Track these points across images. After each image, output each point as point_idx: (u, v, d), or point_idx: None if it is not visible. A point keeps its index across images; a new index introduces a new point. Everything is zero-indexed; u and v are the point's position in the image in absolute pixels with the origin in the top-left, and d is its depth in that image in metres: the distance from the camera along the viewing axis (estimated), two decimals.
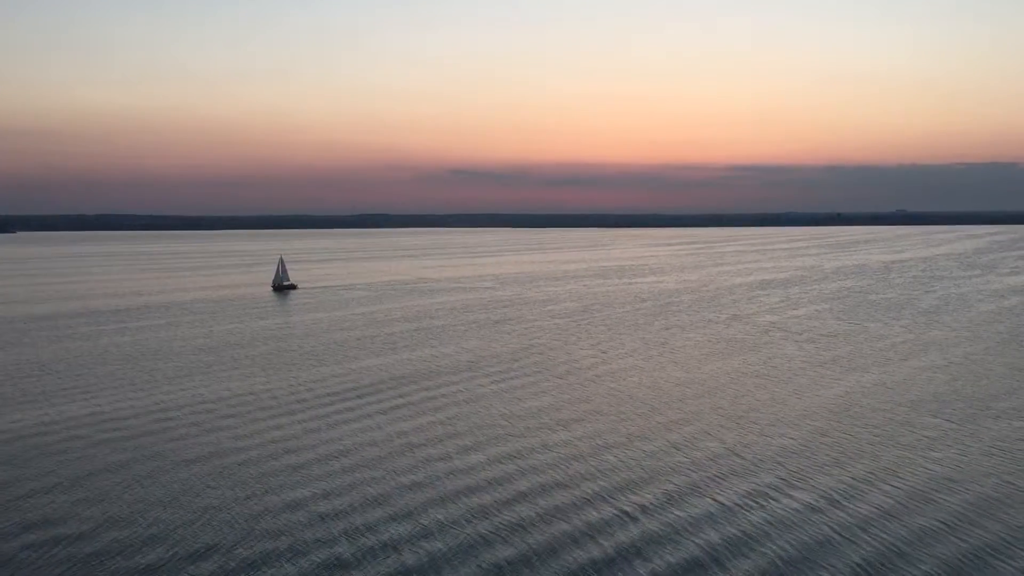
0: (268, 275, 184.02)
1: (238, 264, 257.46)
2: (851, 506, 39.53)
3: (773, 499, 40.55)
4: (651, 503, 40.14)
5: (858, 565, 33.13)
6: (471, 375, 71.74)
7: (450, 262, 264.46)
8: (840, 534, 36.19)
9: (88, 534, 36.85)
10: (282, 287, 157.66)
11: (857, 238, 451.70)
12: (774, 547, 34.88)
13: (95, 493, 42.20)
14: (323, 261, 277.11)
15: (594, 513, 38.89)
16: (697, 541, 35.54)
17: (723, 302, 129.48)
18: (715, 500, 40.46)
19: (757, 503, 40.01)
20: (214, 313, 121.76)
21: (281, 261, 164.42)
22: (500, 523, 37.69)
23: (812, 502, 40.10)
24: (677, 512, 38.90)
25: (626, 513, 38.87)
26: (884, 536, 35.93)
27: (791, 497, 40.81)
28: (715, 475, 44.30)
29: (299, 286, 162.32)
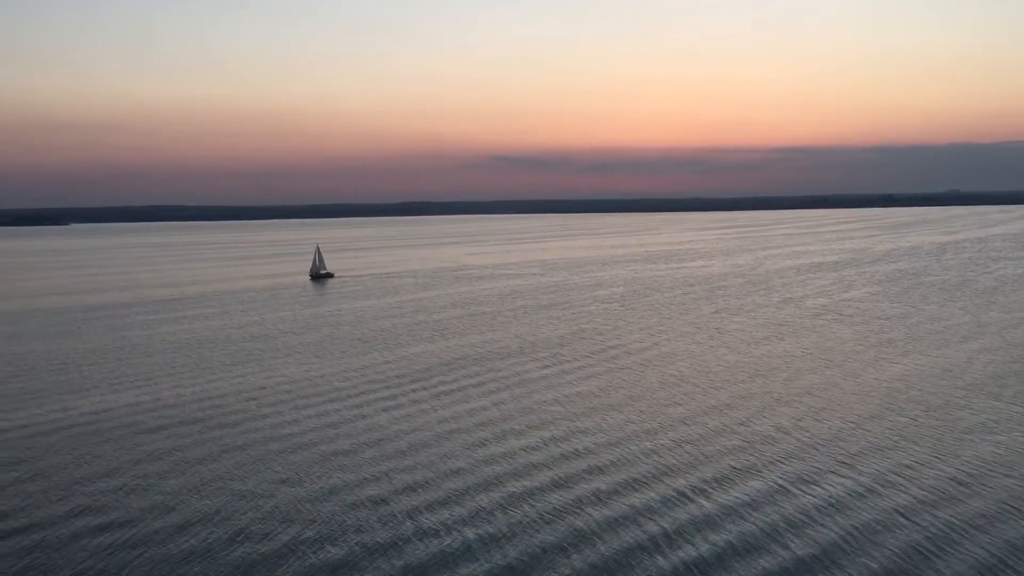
0: (308, 264, 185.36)
1: (279, 253, 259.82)
2: (912, 491, 38.81)
3: (832, 484, 39.94)
4: (707, 486, 39.76)
5: (921, 550, 32.53)
6: (522, 360, 71.67)
7: (494, 249, 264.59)
8: (901, 518, 35.54)
9: (147, 518, 37.46)
10: (319, 276, 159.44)
11: (908, 219, 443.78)
12: (833, 531, 34.36)
13: (155, 478, 42.88)
14: (366, 249, 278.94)
15: (650, 495, 38.62)
16: (755, 525, 35.13)
17: (773, 285, 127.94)
18: (773, 484, 39.96)
19: (816, 487, 39.44)
20: (260, 302, 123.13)
21: (318, 250, 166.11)
22: (556, 506, 37.59)
23: (872, 486, 39.43)
24: (734, 495, 38.49)
25: (682, 495, 38.54)
26: (946, 520, 35.22)
27: (851, 481, 40.16)
28: (772, 459, 43.75)
29: (336, 275, 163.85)
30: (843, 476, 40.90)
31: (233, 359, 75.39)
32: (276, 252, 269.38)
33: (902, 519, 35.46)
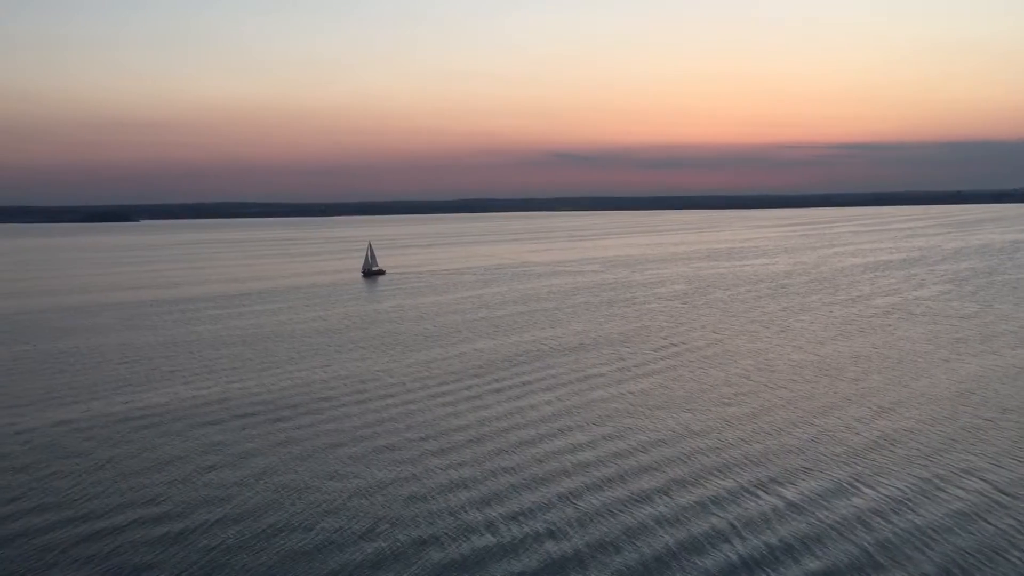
0: (361, 261, 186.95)
1: (337, 250, 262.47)
2: (988, 493, 37.75)
3: (906, 485, 39.03)
4: (777, 487, 39.13)
5: (997, 553, 31.63)
6: (585, 356, 71.42)
7: (554, 246, 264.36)
8: (976, 520, 34.58)
9: (219, 513, 38.20)
10: (371, 273, 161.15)
11: (979, 217, 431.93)
12: (904, 534, 33.59)
13: (224, 473, 43.70)
14: (424, 247, 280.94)
15: (717, 496, 38.17)
16: (824, 526, 34.50)
17: (839, 283, 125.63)
18: (843, 485, 39.18)
19: (888, 488, 38.58)
20: (320, 297, 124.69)
21: (370, 247, 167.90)
22: (622, 505, 37.39)
23: (946, 488, 38.44)
24: (802, 496, 37.83)
25: (751, 495, 38.00)
26: (1022, 522, 34.21)
27: (924, 482, 39.21)
28: (842, 459, 42.89)
29: (387, 272, 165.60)
30: (917, 477, 39.94)
31: (298, 353, 76.47)
32: (334, 249, 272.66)
33: (977, 521, 34.52)
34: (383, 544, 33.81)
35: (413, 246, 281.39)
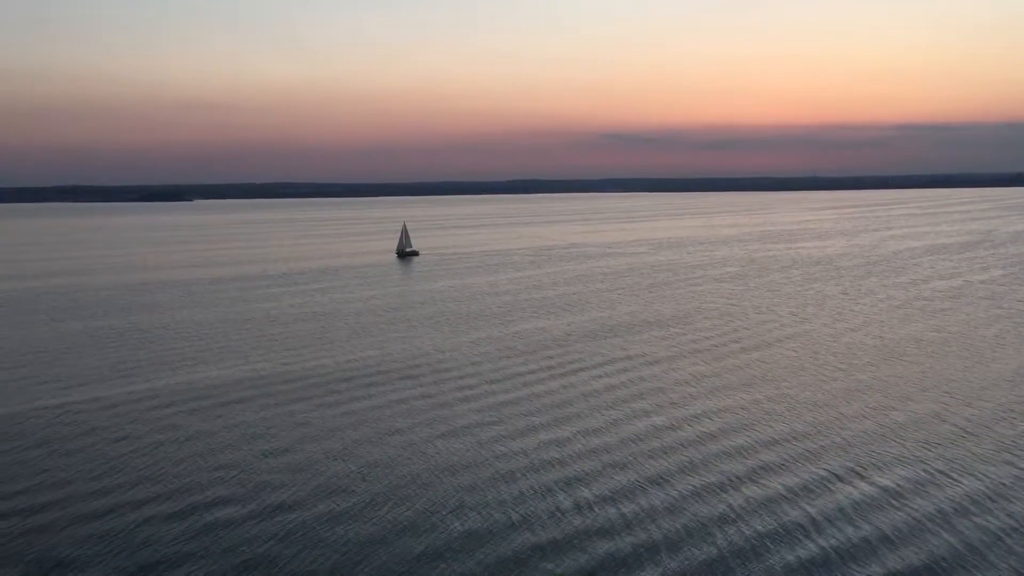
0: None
1: (379, 231, 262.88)
2: None
3: (973, 471, 38.09)
4: (841, 474, 38.46)
5: None
6: (637, 338, 70.84)
7: (604, 227, 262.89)
8: None
9: (271, 487, 38.61)
10: (405, 254, 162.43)
11: None
12: (973, 522, 32.76)
13: (278, 447, 44.13)
14: (472, 228, 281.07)
15: (772, 480, 37.61)
16: (891, 514, 33.81)
17: (897, 266, 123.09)
18: (909, 473, 38.36)
19: (953, 474, 37.69)
20: (362, 277, 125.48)
21: (404, 229, 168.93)
22: (674, 489, 37.03)
23: (1014, 474, 37.43)
24: (870, 483, 37.13)
25: (809, 481, 37.38)
26: None
27: (993, 468, 38.22)
28: (907, 445, 42.00)
29: (421, 253, 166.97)
30: (988, 464, 38.96)
31: (351, 331, 76.91)
32: (377, 229, 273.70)
33: None
34: (432, 521, 33.89)
35: (460, 227, 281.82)
